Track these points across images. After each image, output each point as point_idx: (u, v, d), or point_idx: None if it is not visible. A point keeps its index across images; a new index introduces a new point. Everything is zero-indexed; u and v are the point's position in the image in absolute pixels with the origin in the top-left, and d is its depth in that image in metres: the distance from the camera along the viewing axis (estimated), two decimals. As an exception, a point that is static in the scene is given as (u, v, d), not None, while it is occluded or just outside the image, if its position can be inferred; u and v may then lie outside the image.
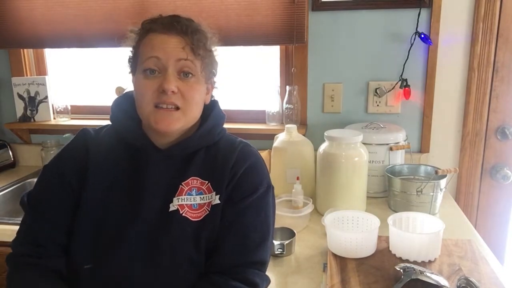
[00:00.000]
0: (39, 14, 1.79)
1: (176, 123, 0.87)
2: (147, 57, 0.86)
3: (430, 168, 1.49)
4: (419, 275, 0.95)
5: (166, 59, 0.85)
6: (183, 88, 0.87)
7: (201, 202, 0.89)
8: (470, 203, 1.70)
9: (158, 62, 0.86)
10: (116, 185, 0.91)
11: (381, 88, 1.65)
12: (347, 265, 1.07)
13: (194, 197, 0.89)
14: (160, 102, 0.86)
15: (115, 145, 0.94)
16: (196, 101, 0.90)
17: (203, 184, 0.91)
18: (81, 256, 0.88)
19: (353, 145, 1.37)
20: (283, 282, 1.08)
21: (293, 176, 1.50)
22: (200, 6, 1.66)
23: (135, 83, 0.90)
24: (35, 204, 0.93)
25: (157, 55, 0.85)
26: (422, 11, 1.56)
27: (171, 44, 0.86)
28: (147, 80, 0.86)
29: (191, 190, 0.90)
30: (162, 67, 0.86)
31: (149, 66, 0.86)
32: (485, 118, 1.62)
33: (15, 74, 1.96)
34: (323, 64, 1.70)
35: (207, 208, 0.89)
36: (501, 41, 1.55)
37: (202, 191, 0.90)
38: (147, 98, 0.86)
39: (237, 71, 1.92)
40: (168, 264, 0.87)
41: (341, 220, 1.20)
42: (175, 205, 0.88)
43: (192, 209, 0.89)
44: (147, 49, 0.87)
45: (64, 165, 0.93)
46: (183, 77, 0.87)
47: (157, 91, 0.86)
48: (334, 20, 1.65)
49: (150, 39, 0.88)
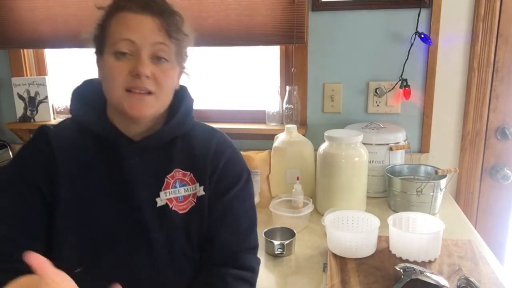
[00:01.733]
0: (39, 14, 1.79)
1: (150, 108, 0.83)
2: (119, 38, 0.80)
3: (430, 168, 1.49)
4: (419, 275, 0.95)
5: (141, 42, 0.80)
6: (156, 73, 0.82)
7: (185, 194, 0.89)
8: (470, 203, 1.70)
9: (132, 46, 0.80)
10: (93, 182, 0.85)
11: (381, 88, 1.65)
12: (347, 265, 1.07)
13: (179, 189, 0.88)
14: (133, 87, 0.81)
15: (81, 139, 0.87)
16: (168, 86, 0.86)
17: (185, 175, 0.90)
18: (69, 260, 0.81)
19: (353, 145, 1.37)
20: (283, 282, 1.08)
21: (293, 176, 1.50)
22: (200, 6, 1.66)
23: (104, 65, 0.83)
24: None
25: (131, 38, 0.80)
26: (422, 11, 1.56)
27: (147, 25, 0.81)
28: (118, 62, 0.81)
29: (175, 182, 0.88)
30: (135, 50, 0.81)
31: (121, 49, 0.80)
32: (485, 118, 1.62)
33: (15, 74, 1.96)
34: (323, 64, 1.70)
35: (193, 199, 0.89)
36: (501, 41, 1.55)
37: (185, 182, 0.89)
38: (118, 82, 0.81)
39: (237, 71, 1.93)
40: (164, 261, 0.86)
41: (341, 220, 1.20)
42: (163, 199, 0.87)
43: (178, 201, 0.88)
44: (120, 30, 0.81)
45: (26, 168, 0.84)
46: (156, 61, 0.82)
47: (130, 74, 0.80)
48: (334, 20, 1.65)
49: (123, 18, 0.81)
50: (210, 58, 1.95)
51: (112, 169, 0.86)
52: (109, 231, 0.84)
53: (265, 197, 1.50)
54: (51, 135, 0.86)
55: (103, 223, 0.84)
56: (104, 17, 0.85)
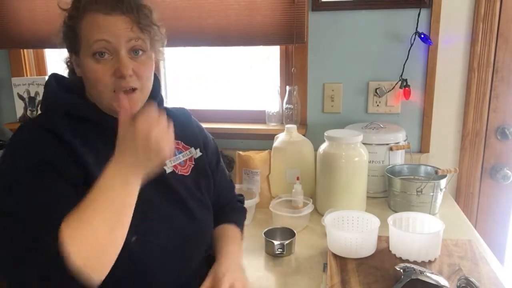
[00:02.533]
0: (39, 14, 1.79)
1: (138, 104, 0.88)
2: (94, 40, 0.82)
3: (430, 168, 1.49)
4: (419, 275, 0.95)
5: (116, 42, 0.83)
6: (136, 67, 0.85)
7: (184, 159, 1.01)
8: (470, 203, 1.70)
9: (108, 45, 0.83)
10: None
11: (381, 88, 1.65)
12: (347, 265, 1.07)
13: (178, 156, 1.00)
14: (119, 87, 0.84)
15: (80, 130, 0.87)
16: (149, 77, 0.90)
17: (178, 144, 1.02)
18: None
19: (353, 145, 1.37)
20: (283, 282, 1.08)
21: (293, 176, 1.50)
22: (200, 6, 1.66)
23: (85, 68, 0.85)
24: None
25: (106, 38, 0.82)
26: (422, 11, 1.56)
27: (119, 25, 0.83)
28: (99, 65, 0.83)
29: (174, 151, 0.98)
30: (112, 49, 0.83)
31: (98, 49, 0.82)
32: (485, 118, 1.62)
33: (15, 74, 1.96)
34: (323, 64, 1.70)
35: (191, 162, 1.03)
36: (501, 41, 1.55)
37: (180, 149, 1.01)
38: (104, 84, 0.84)
39: (237, 71, 1.93)
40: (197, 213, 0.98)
41: (341, 220, 1.20)
42: (169, 167, 0.97)
43: (181, 166, 1.00)
44: (93, 32, 0.83)
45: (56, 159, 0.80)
46: (134, 55, 0.85)
47: (113, 75, 0.83)
48: (334, 20, 1.65)
49: (94, 20, 0.83)
50: (210, 58, 1.95)
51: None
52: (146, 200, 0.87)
53: (265, 197, 1.50)
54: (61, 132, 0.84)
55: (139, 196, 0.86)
56: (73, 18, 0.87)
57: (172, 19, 1.66)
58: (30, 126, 0.85)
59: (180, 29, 1.68)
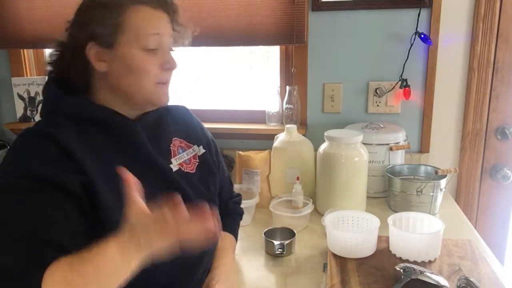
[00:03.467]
0: (39, 14, 1.79)
1: (169, 96, 0.93)
2: (150, 33, 0.85)
3: (430, 168, 1.49)
4: (419, 275, 0.95)
5: (165, 36, 0.88)
6: None
7: (188, 157, 1.02)
8: (470, 203, 1.70)
9: (159, 39, 0.87)
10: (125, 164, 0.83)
11: (381, 88, 1.65)
12: (347, 265, 1.07)
13: (182, 154, 1.00)
14: (163, 80, 0.89)
15: (85, 132, 0.85)
16: None
17: (182, 142, 1.02)
18: None
19: (353, 145, 1.37)
20: (283, 282, 1.08)
21: (293, 176, 1.50)
22: (200, 6, 1.66)
23: (130, 59, 0.84)
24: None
25: (159, 32, 0.86)
26: (422, 11, 1.56)
27: (164, 20, 0.89)
28: (149, 57, 0.86)
29: (178, 149, 1.00)
30: (160, 44, 0.87)
31: (151, 43, 0.85)
32: (485, 118, 1.62)
33: (15, 74, 1.96)
34: (323, 64, 1.70)
35: (195, 160, 1.03)
36: (501, 41, 1.55)
37: (184, 147, 1.01)
38: (151, 76, 0.87)
39: (237, 71, 1.93)
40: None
41: (341, 220, 1.20)
42: (175, 165, 0.97)
43: (186, 164, 1.00)
44: (147, 24, 0.85)
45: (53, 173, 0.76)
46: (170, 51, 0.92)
47: (160, 68, 0.87)
48: (334, 20, 1.65)
49: (146, 13, 0.85)
50: (210, 58, 1.95)
51: (127, 148, 0.89)
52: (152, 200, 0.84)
53: (265, 197, 1.50)
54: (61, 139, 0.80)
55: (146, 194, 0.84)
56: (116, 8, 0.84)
57: (172, 19, 1.66)
58: (31, 136, 0.82)
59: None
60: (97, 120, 0.88)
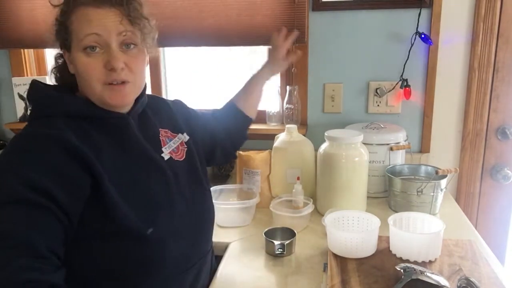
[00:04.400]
0: (39, 14, 1.79)
1: (129, 96, 0.90)
2: (85, 34, 0.83)
3: (431, 168, 1.49)
4: (420, 275, 0.95)
5: (107, 35, 0.83)
6: (128, 61, 0.86)
7: (176, 145, 1.04)
8: (470, 203, 1.70)
9: (99, 39, 0.83)
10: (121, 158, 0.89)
11: (381, 88, 1.65)
12: (347, 265, 1.07)
13: (170, 143, 1.02)
14: (110, 80, 0.85)
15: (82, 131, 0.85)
16: (142, 71, 0.91)
17: (167, 132, 1.04)
18: (140, 224, 0.85)
19: (353, 145, 1.36)
20: (283, 282, 1.08)
21: (293, 176, 1.50)
22: (200, 6, 1.66)
23: (77, 62, 0.85)
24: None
25: (96, 32, 0.82)
26: (422, 11, 1.56)
27: (109, 18, 0.83)
28: (91, 58, 0.84)
29: (165, 139, 1.02)
30: (103, 43, 0.84)
31: (89, 43, 0.83)
32: (485, 118, 1.62)
33: (15, 74, 1.96)
34: (324, 64, 1.70)
35: (183, 147, 1.05)
36: (501, 41, 1.55)
37: (169, 137, 1.03)
38: (95, 77, 0.84)
39: (237, 71, 1.93)
40: (201, 200, 1.04)
41: (342, 220, 1.20)
42: (166, 154, 0.99)
43: (175, 153, 1.02)
44: (83, 26, 0.83)
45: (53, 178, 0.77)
46: (126, 48, 0.86)
47: (105, 68, 0.84)
48: (335, 20, 1.65)
49: (84, 14, 0.83)
50: (210, 58, 1.95)
51: (121, 143, 0.90)
52: (153, 191, 0.91)
53: (265, 197, 1.50)
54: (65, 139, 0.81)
55: (146, 186, 0.90)
56: (64, 14, 0.87)
57: (172, 19, 1.66)
58: (33, 138, 0.81)
59: (180, 29, 1.68)
60: (92, 117, 0.88)
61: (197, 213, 1.01)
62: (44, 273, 0.70)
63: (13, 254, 0.69)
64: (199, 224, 1.03)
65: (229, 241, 1.28)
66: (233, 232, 1.34)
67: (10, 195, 0.73)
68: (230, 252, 1.23)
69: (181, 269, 0.96)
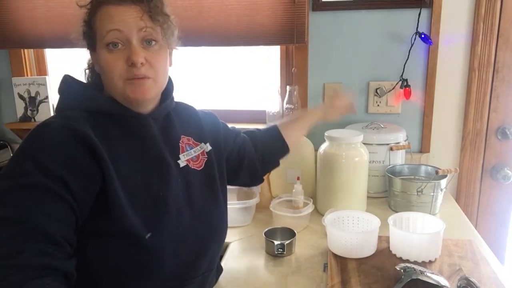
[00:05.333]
0: (39, 14, 1.79)
1: (151, 91, 0.89)
2: (107, 30, 0.84)
3: (431, 168, 1.49)
4: (420, 275, 0.95)
5: (128, 31, 0.84)
6: (149, 57, 0.86)
7: (196, 154, 1.01)
8: (470, 203, 1.69)
9: (120, 35, 0.84)
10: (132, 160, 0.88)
11: (381, 88, 1.65)
12: (347, 265, 1.07)
13: (190, 151, 1.00)
14: (131, 76, 0.85)
15: (101, 126, 0.87)
16: (163, 68, 0.91)
17: (189, 140, 1.02)
18: (140, 227, 0.85)
19: (353, 145, 1.36)
20: (283, 282, 1.08)
21: (293, 176, 1.50)
22: (200, 6, 1.66)
23: (100, 60, 0.87)
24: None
25: (117, 28, 0.84)
26: (422, 11, 1.56)
27: (130, 14, 0.85)
28: (113, 55, 0.85)
29: (185, 146, 1.00)
30: (125, 40, 0.85)
31: (111, 40, 0.84)
32: (485, 118, 1.62)
33: (15, 74, 1.96)
34: (324, 64, 1.70)
35: (203, 156, 1.03)
36: (501, 41, 1.55)
37: (192, 145, 1.02)
38: (117, 73, 0.85)
39: (237, 71, 1.93)
40: (209, 213, 0.99)
41: (341, 220, 1.20)
42: (183, 161, 0.97)
43: (193, 161, 1.00)
44: (105, 23, 0.85)
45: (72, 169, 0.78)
46: (147, 45, 0.87)
47: (126, 64, 0.85)
48: (335, 20, 1.65)
49: (106, 12, 0.85)
50: (210, 58, 1.95)
51: (138, 144, 0.90)
52: (158, 195, 0.89)
53: (265, 197, 1.50)
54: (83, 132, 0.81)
55: (155, 190, 0.89)
56: (89, 14, 0.89)
57: (172, 19, 1.66)
58: (53, 129, 0.81)
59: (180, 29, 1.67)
60: (112, 114, 0.89)
61: (205, 226, 0.98)
62: (58, 259, 0.72)
63: (27, 240, 0.70)
64: (206, 238, 0.98)
65: (229, 241, 1.28)
66: (233, 232, 1.34)
67: (26, 179, 0.74)
68: (230, 252, 1.23)
69: (181, 280, 0.94)
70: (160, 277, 0.89)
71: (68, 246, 0.76)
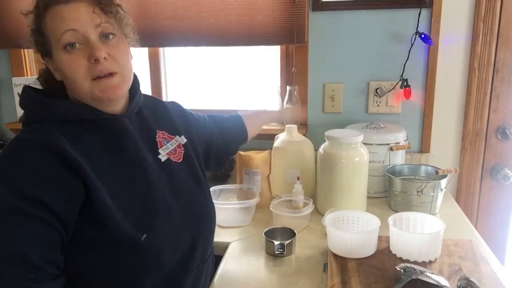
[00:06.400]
0: (39, 14, 1.79)
1: (121, 87, 0.87)
2: (61, 32, 0.81)
3: (431, 168, 1.49)
4: (420, 275, 0.95)
5: (84, 29, 0.81)
6: (111, 51, 0.84)
7: (173, 147, 1.02)
8: (470, 203, 1.70)
9: (77, 34, 0.81)
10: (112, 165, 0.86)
11: (381, 88, 1.65)
12: (347, 265, 1.07)
13: (167, 145, 1.01)
14: (96, 73, 0.82)
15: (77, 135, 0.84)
16: (127, 60, 0.89)
17: (164, 134, 1.02)
18: (133, 231, 0.84)
19: (353, 145, 1.36)
20: (283, 282, 1.08)
21: (293, 176, 1.50)
22: (200, 6, 1.66)
23: (60, 64, 0.83)
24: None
25: (72, 27, 0.80)
26: (422, 11, 1.56)
27: (82, 10, 0.82)
28: (72, 56, 0.82)
29: (162, 140, 1.00)
30: (82, 38, 0.82)
31: (68, 41, 0.81)
32: (485, 118, 1.62)
33: (15, 74, 1.96)
34: (324, 64, 1.70)
35: (180, 149, 1.03)
36: (501, 41, 1.55)
37: (167, 139, 1.02)
38: (81, 73, 0.82)
39: (237, 71, 1.93)
40: (199, 203, 1.01)
41: (341, 220, 1.20)
42: (164, 155, 0.98)
43: (172, 154, 1.01)
44: (58, 24, 0.81)
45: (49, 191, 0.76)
46: (105, 39, 0.84)
47: (88, 62, 0.82)
48: (335, 20, 1.65)
49: (56, 13, 0.82)
50: (210, 58, 1.95)
51: (116, 145, 0.89)
52: (149, 195, 0.89)
53: (265, 197, 1.50)
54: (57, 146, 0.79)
55: (141, 190, 0.89)
56: (36, 20, 0.85)
57: (172, 19, 1.66)
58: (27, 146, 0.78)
59: (180, 29, 1.68)
60: (83, 119, 0.86)
61: (196, 218, 0.99)
62: (40, 282, 0.71)
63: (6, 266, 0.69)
64: (199, 229, 1.00)
65: (229, 241, 1.28)
66: (233, 232, 1.34)
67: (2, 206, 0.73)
68: (230, 252, 1.23)
69: (179, 274, 0.94)
70: (158, 275, 0.89)
71: (51, 267, 0.74)
